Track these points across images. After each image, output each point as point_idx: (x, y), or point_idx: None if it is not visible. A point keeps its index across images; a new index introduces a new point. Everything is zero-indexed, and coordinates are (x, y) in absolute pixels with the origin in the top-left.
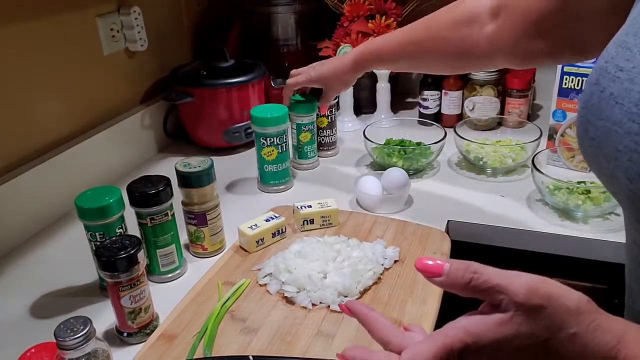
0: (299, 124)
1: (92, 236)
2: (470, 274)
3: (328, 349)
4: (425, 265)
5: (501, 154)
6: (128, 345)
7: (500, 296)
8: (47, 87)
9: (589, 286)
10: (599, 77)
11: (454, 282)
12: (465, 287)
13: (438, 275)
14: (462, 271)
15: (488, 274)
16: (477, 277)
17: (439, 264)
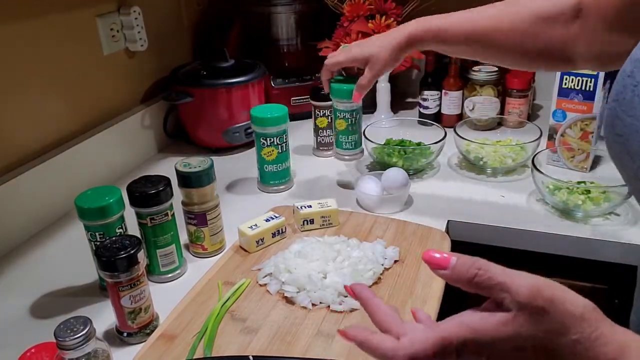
0: (335, 109)
1: (92, 236)
2: (475, 269)
3: (328, 349)
4: (432, 257)
5: (501, 154)
6: (128, 345)
7: (503, 294)
8: (47, 87)
9: (589, 286)
10: (634, 69)
11: (459, 277)
12: (469, 283)
13: (444, 268)
14: (468, 266)
15: (493, 272)
16: (482, 273)
17: (446, 257)
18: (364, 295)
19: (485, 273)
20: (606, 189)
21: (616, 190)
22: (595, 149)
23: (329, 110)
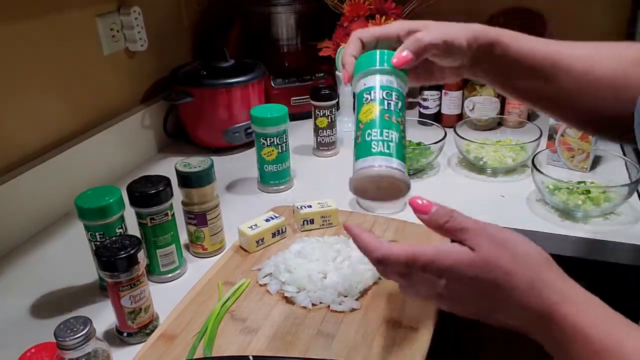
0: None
1: (92, 236)
2: (448, 217)
3: (328, 349)
4: (416, 203)
5: (501, 154)
6: (128, 345)
7: (465, 236)
8: (47, 87)
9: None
10: None
11: (435, 222)
12: (442, 227)
13: (424, 213)
14: (443, 214)
15: (461, 219)
16: (453, 219)
17: (427, 204)
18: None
19: (455, 219)
20: (606, 189)
21: (616, 190)
22: (595, 149)
23: (329, 110)
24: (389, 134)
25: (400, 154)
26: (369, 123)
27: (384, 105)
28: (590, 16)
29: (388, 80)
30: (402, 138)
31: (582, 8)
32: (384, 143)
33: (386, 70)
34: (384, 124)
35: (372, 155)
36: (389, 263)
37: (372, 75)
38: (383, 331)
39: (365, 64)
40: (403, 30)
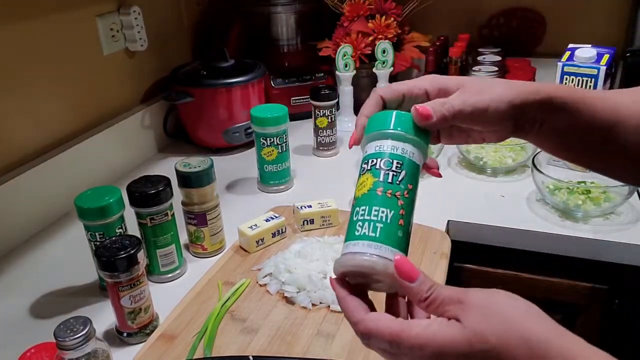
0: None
1: (92, 236)
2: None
3: (328, 349)
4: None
5: (501, 154)
6: (128, 345)
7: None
8: (47, 87)
9: (589, 286)
10: None
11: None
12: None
13: (411, 280)
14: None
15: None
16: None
17: (415, 270)
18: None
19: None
20: (606, 189)
21: (616, 190)
22: None
23: (329, 110)
24: (378, 213)
25: (390, 239)
26: (360, 199)
27: (379, 176)
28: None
29: (391, 147)
30: (400, 217)
31: (582, 8)
32: (371, 224)
33: (391, 135)
34: (375, 200)
35: (355, 239)
36: (372, 338)
37: (374, 141)
38: None
39: (370, 127)
40: (433, 88)
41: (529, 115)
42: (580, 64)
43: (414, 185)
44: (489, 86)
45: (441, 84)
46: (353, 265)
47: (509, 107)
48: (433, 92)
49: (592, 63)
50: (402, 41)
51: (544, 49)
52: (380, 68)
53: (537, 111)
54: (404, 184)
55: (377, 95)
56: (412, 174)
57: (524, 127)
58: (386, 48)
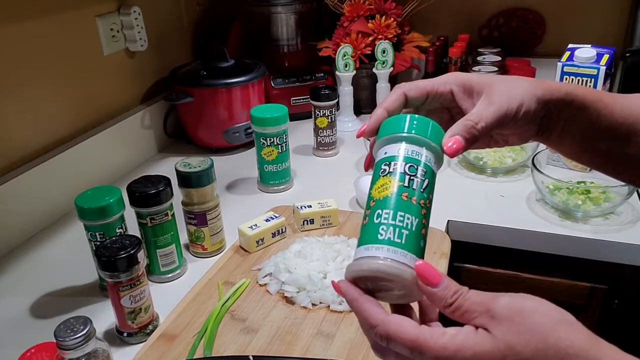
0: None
1: (92, 236)
2: (458, 294)
3: (328, 349)
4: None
5: (501, 154)
6: (128, 345)
7: (475, 314)
8: (47, 87)
9: (589, 286)
10: None
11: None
12: (449, 305)
13: (434, 285)
14: (453, 290)
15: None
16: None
17: (438, 275)
18: (348, 295)
19: (464, 295)
20: (606, 189)
21: (616, 190)
22: None
23: (329, 110)
24: (404, 219)
25: (414, 247)
26: (382, 201)
27: (404, 181)
28: (589, 16)
29: (415, 152)
30: (422, 227)
31: (582, 8)
32: (396, 230)
33: (416, 140)
34: (400, 206)
35: (377, 243)
36: (392, 342)
37: (397, 143)
38: None
39: (391, 128)
40: (458, 87)
41: (553, 114)
42: (580, 64)
43: (432, 195)
44: (516, 86)
45: (466, 84)
46: (377, 270)
47: (538, 105)
48: (459, 92)
49: (592, 63)
50: (402, 41)
51: (544, 49)
52: (380, 68)
53: (560, 109)
54: (427, 193)
55: (400, 92)
56: (433, 183)
57: (548, 127)
58: (386, 48)
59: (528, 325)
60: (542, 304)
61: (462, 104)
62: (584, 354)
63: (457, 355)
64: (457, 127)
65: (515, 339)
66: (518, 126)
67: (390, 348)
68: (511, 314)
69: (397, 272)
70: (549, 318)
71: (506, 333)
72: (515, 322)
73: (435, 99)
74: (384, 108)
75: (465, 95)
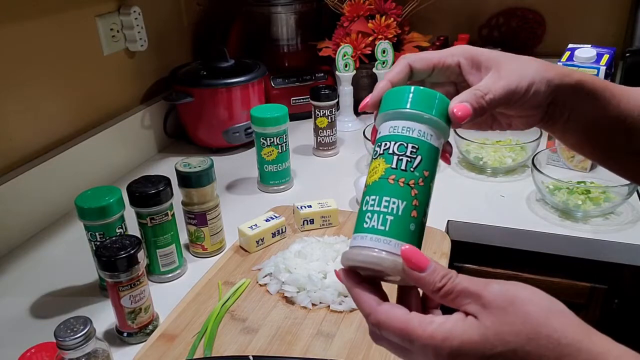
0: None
1: (92, 236)
2: (447, 278)
3: (328, 349)
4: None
5: (501, 154)
6: (128, 345)
7: (467, 300)
8: (47, 87)
9: (589, 286)
10: None
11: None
12: (438, 290)
13: (420, 270)
14: (441, 274)
15: (463, 279)
16: (452, 280)
17: (424, 259)
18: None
19: (454, 281)
20: (606, 189)
21: (616, 190)
22: None
23: (329, 110)
24: (389, 204)
25: (401, 233)
26: (370, 187)
27: (392, 163)
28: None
29: (406, 128)
30: (412, 209)
31: (582, 8)
32: (380, 216)
33: (407, 115)
34: (386, 190)
35: (362, 232)
36: (382, 331)
37: (389, 121)
38: None
39: (387, 103)
40: (466, 60)
41: (561, 100)
42: (580, 64)
43: (431, 172)
44: (527, 65)
45: (475, 57)
46: (360, 261)
47: (548, 88)
48: (466, 65)
49: (592, 63)
50: (402, 41)
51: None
52: (380, 68)
53: (569, 96)
54: (419, 171)
55: (405, 63)
56: (429, 159)
57: (554, 114)
58: (386, 48)
59: (520, 316)
60: (534, 292)
61: (469, 78)
62: (577, 344)
63: (444, 344)
64: (466, 95)
65: (506, 329)
66: (525, 108)
67: (384, 336)
68: (503, 303)
69: (376, 260)
70: (541, 308)
71: (497, 322)
72: (507, 311)
73: (441, 71)
74: (387, 80)
75: (473, 69)
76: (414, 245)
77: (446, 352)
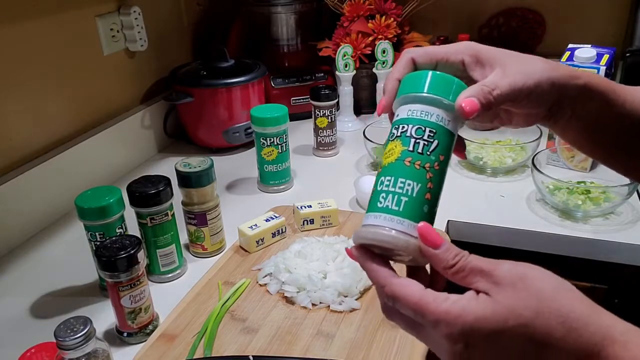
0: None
1: (92, 236)
2: (460, 256)
3: (328, 349)
4: (428, 231)
5: (501, 154)
6: (128, 345)
7: (477, 278)
8: (47, 87)
9: (589, 286)
10: None
11: (445, 259)
12: (451, 267)
13: (435, 247)
14: (454, 252)
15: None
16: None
17: (439, 237)
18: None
19: (466, 259)
20: (606, 189)
21: (616, 190)
22: None
23: (329, 110)
24: (404, 185)
25: (415, 214)
26: (386, 168)
27: (409, 145)
28: (590, 16)
29: (425, 112)
30: (427, 191)
31: (582, 8)
32: (395, 197)
33: (425, 99)
34: (402, 172)
35: (376, 211)
36: (397, 302)
37: (406, 105)
38: (383, 331)
39: (403, 89)
40: (471, 57)
41: (565, 101)
42: (580, 64)
43: (447, 156)
44: (532, 64)
45: (479, 55)
46: (372, 239)
47: (553, 89)
48: (470, 62)
49: (592, 63)
50: (402, 41)
51: (544, 49)
52: (380, 68)
53: (574, 97)
54: (435, 155)
55: (409, 57)
56: (445, 143)
57: (558, 113)
58: (386, 48)
59: (530, 291)
60: (543, 272)
61: (473, 75)
62: (585, 318)
63: (457, 320)
64: (474, 89)
65: (517, 303)
66: (529, 107)
67: (397, 309)
68: (513, 279)
69: (389, 239)
70: (550, 284)
71: (508, 298)
72: (517, 288)
73: (445, 67)
74: (395, 79)
75: (477, 67)
76: (418, 222)
77: (459, 329)
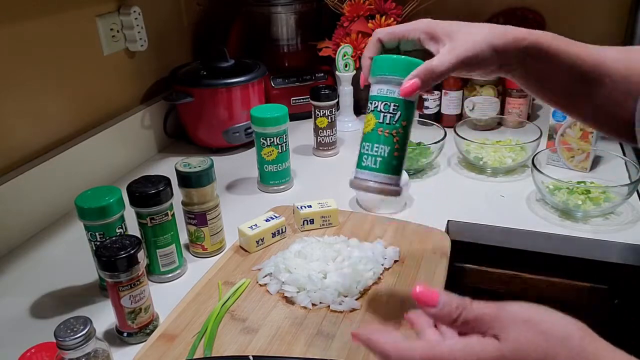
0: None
1: (92, 236)
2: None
3: (328, 349)
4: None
5: (501, 154)
6: (128, 345)
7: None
8: (47, 87)
9: (589, 286)
10: None
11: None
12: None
13: (432, 306)
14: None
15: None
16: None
17: (433, 294)
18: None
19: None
20: (606, 189)
21: (616, 190)
22: (595, 149)
23: (329, 110)
24: (379, 149)
25: (389, 167)
26: (366, 136)
27: (379, 118)
28: (589, 16)
29: (389, 90)
30: (395, 150)
31: (582, 8)
32: (373, 158)
33: (389, 80)
34: (376, 139)
35: (361, 168)
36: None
37: (376, 85)
38: None
39: (374, 69)
40: (425, 34)
41: (512, 60)
42: None
43: (409, 121)
44: (476, 33)
45: (432, 32)
46: (362, 187)
47: (495, 54)
48: (425, 39)
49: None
50: None
51: None
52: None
53: (519, 57)
54: (399, 123)
55: (376, 38)
56: (407, 111)
57: (508, 70)
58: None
59: (538, 333)
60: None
61: (430, 49)
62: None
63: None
64: (418, 69)
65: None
66: (477, 69)
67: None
68: (520, 321)
69: (371, 188)
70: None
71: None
72: (523, 329)
73: (407, 42)
74: (367, 57)
75: (431, 42)
76: (396, 171)
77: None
